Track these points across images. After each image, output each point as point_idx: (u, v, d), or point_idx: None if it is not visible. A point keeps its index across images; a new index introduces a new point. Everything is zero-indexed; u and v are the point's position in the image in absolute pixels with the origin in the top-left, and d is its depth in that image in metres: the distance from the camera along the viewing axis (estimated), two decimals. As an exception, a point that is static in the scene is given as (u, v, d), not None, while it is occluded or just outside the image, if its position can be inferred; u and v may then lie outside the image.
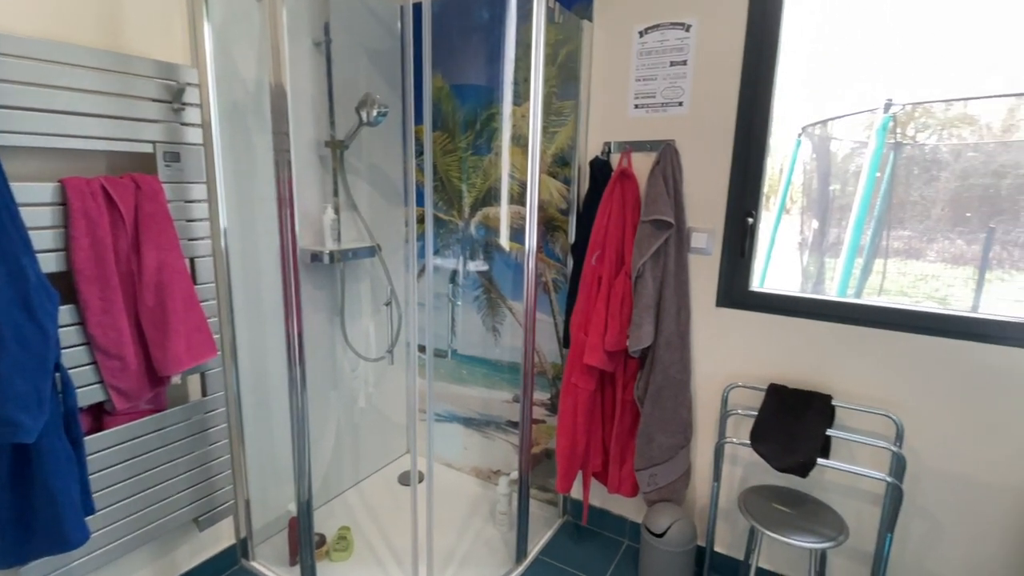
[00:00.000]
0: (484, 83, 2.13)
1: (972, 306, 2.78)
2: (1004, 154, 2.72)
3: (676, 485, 1.89)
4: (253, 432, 1.89)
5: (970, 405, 1.49)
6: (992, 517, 1.50)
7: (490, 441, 2.41)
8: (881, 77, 2.67)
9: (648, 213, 1.75)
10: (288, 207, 1.44)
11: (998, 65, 2.17)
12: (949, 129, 2.96)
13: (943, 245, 2.97)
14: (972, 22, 1.91)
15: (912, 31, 2.05)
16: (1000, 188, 2.72)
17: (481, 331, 2.33)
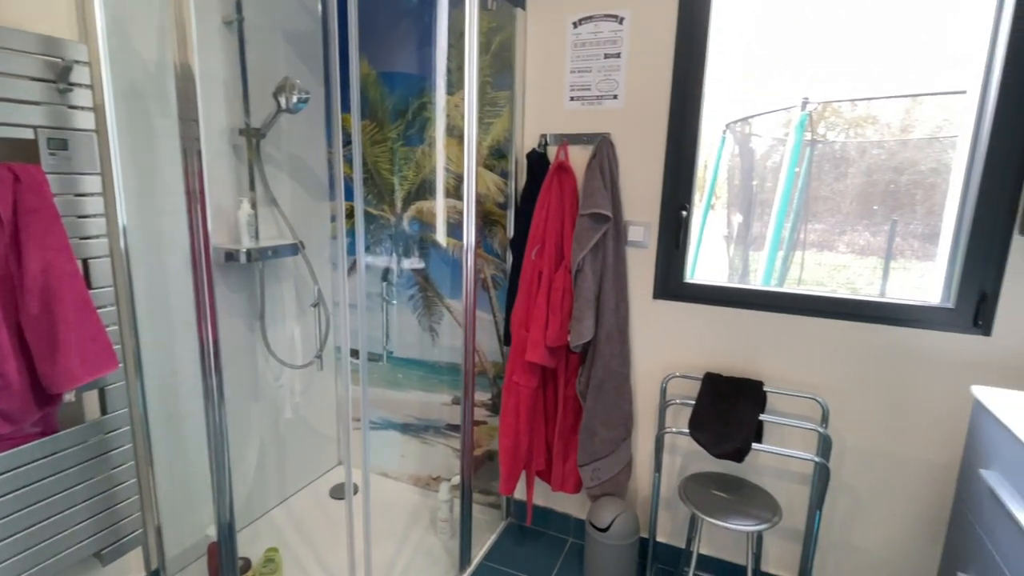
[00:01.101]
0: (414, 71, 2.10)
1: (879, 293, 3.08)
2: (903, 152, 3.04)
3: (619, 478, 1.95)
4: (163, 451, 1.76)
5: (883, 384, 1.64)
6: (907, 489, 1.67)
7: (429, 447, 2.38)
8: (799, 76, 2.88)
9: (586, 207, 1.80)
10: (199, 201, 1.35)
11: (896, 68, 2.40)
12: (855, 128, 3.25)
13: (852, 237, 3.28)
14: (874, 28, 2.10)
15: (825, 33, 2.23)
16: (900, 183, 3.04)
17: (417, 332, 2.29)
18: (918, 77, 2.47)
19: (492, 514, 2.29)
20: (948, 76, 1.80)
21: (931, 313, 1.58)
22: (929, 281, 1.70)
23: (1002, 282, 1.48)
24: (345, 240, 2.22)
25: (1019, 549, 1.13)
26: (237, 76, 1.86)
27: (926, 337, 1.58)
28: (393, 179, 2.21)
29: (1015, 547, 1.15)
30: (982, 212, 1.49)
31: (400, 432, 2.42)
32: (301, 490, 2.38)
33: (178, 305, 1.75)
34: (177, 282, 1.74)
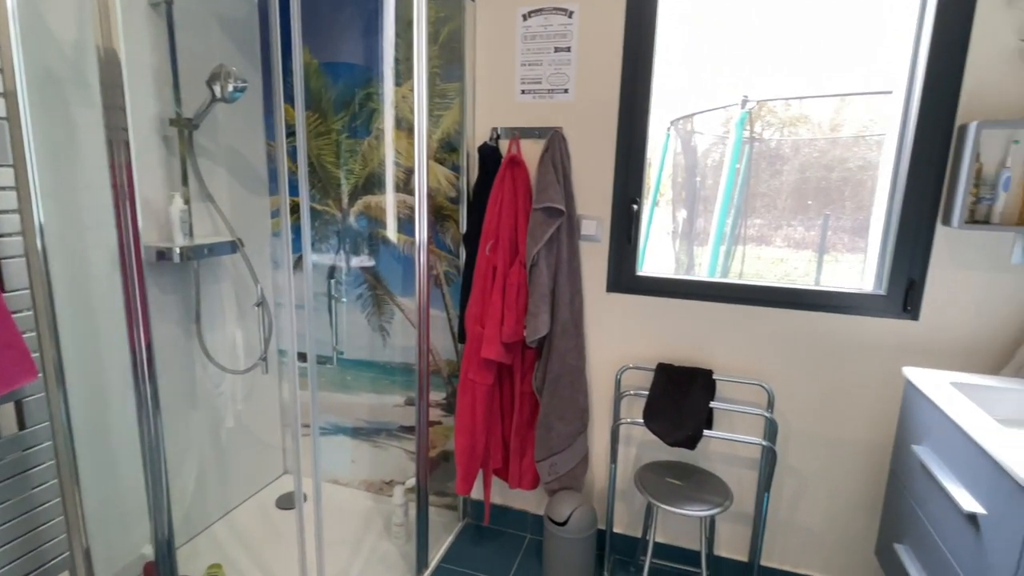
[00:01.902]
0: (358, 60, 2.05)
1: (816, 282, 3.28)
2: (833, 149, 3.25)
3: (576, 472, 1.98)
4: (90, 467, 1.64)
5: (823, 369, 1.75)
6: (847, 468, 1.78)
7: (381, 450, 2.34)
8: (739, 74, 3.02)
9: (540, 201, 1.81)
10: (127, 197, 1.27)
11: (828, 69, 2.56)
12: (789, 127, 3.45)
13: (788, 232, 3.48)
14: (808, 30, 2.23)
15: (763, 33, 2.34)
16: (831, 180, 3.25)
17: (367, 332, 2.25)
18: (848, 78, 2.64)
19: (448, 516, 2.28)
20: (876, 77, 1.93)
21: (865, 300, 1.69)
22: (862, 271, 1.82)
23: (928, 269, 1.61)
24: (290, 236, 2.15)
25: (949, 518, 1.24)
26: (166, 62, 1.76)
27: (861, 323, 1.69)
28: (338, 172, 2.16)
29: (946, 517, 1.25)
30: (909, 205, 1.60)
31: (350, 437, 2.36)
32: (245, 502, 2.29)
33: (104, 308, 1.64)
34: (103, 284, 1.63)
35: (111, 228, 1.59)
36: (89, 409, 1.63)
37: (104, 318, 1.64)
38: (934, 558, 1.29)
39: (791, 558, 1.89)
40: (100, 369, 1.65)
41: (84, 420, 1.61)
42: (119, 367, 1.69)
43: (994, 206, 1.49)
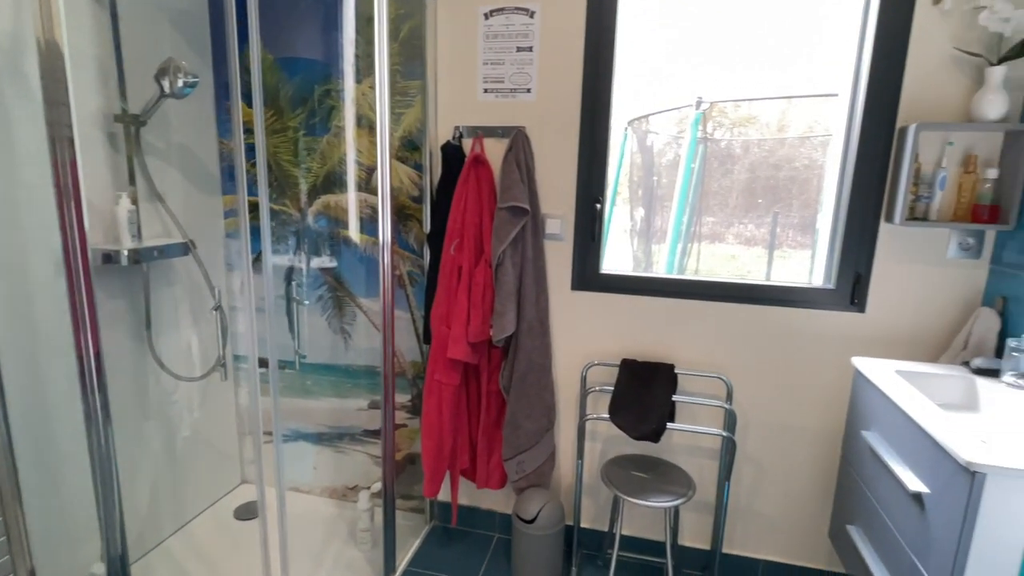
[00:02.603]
0: (315, 56, 2.01)
1: (767, 277, 3.44)
2: (780, 149, 3.40)
3: (543, 469, 2.00)
4: (33, 484, 1.55)
5: (778, 360, 1.83)
6: (801, 455, 1.87)
7: (344, 455, 2.30)
8: (693, 76, 3.12)
9: (504, 200, 1.82)
10: (72, 197, 1.22)
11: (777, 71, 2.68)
12: (739, 127, 3.59)
13: (739, 229, 3.62)
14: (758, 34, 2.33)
15: (716, 37, 2.43)
16: (779, 179, 3.41)
17: (328, 335, 2.20)
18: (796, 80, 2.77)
19: (415, 519, 2.26)
20: (822, 80, 2.02)
21: (816, 294, 1.78)
22: (811, 267, 1.92)
23: (873, 264, 1.71)
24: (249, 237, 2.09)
25: (896, 499, 1.32)
26: (110, 55, 1.68)
27: (812, 316, 1.78)
28: (296, 171, 2.11)
29: (893, 497, 1.34)
30: (855, 203, 1.70)
31: (312, 443, 2.32)
32: (201, 514, 2.21)
33: (44, 315, 1.55)
34: (41, 289, 1.54)
35: (52, 229, 1.51)
36: (29, 422, 1.54)
37: (45, 326, 1.55)
38: (883, 537, 1.37)
39: (751, 544, 1.97)
40: (41, 380, 1.56)
41: (25, 434, 1.52)
42: (62, 376, 1.60)
43: (931, 204, 1.60)
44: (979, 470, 1.02)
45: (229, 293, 2.22)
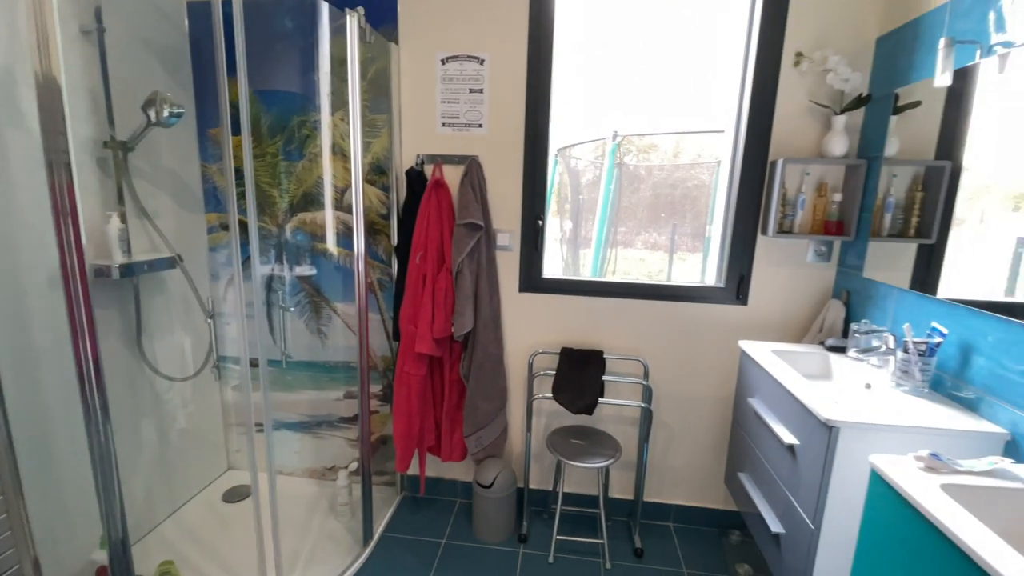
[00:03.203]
0: (290, 90, 1.95)
1: (668, 276, 3.68)
2: (676, 172, 3.63)
3: (498, 442, 2.05)
4: (34, 477, 1.43)
5: (684, 344, 1.96)
6: (703, 419, 2.02)
7: (322, 440, 2.25)
8: (610, 114, 3.26)
9: (462, 217, 1.85)
10: (70, 217, 1.15)
11: (678, 111, 2.85)
12: (644, 153, 3.79)
13: (646, 237, 3.84)
14: (662, 81, 2.47)
15: (627, 83, 2.56)
16: (675, 196, 3.65)
17: (307, 336, 2.15)
18: (691, 118, 2.95)
19: (388, 491, 2.25)
20: (713, 118, 2.17)
21: (710, 292, 1.92)
22: (703, 268, 2.06)
23: (753, 267, 1.87)
24: (239, 251, 2.00)
25: (775, 449, 1.46)
26: (99, 87, 1.56)
27: (708, 308, 1.93)
28: (274, 192, 2.04)
29: (772, 448, 1.48)
30: (739, 219, 1.85)
31: (294, 431, 2.25)
32: (191, 499, 2.09)
33: (39, 324, 1.43)
34: (36, 301, 1.42)
35: (47, 248, 1.40)
36: (28, 420, 1.42)
37: (40, 334, 1.43)
38: (765, 480, 1.51)
39: (665, 492, 2.10)
40: (39, 383, 1.44)
41: (25, 430, 1.40)
42: (59, 378, 1.48)
43: (795, 220, 1.77)
44: (834, 424, 1.16)
45: (213, 301, 2.11)
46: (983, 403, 1.19)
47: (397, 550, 1.91)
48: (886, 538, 0.94)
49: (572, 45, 1.93)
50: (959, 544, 0.77)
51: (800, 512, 1.29)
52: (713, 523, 2.08)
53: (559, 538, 1.97)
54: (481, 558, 1.88)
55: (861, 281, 1.68)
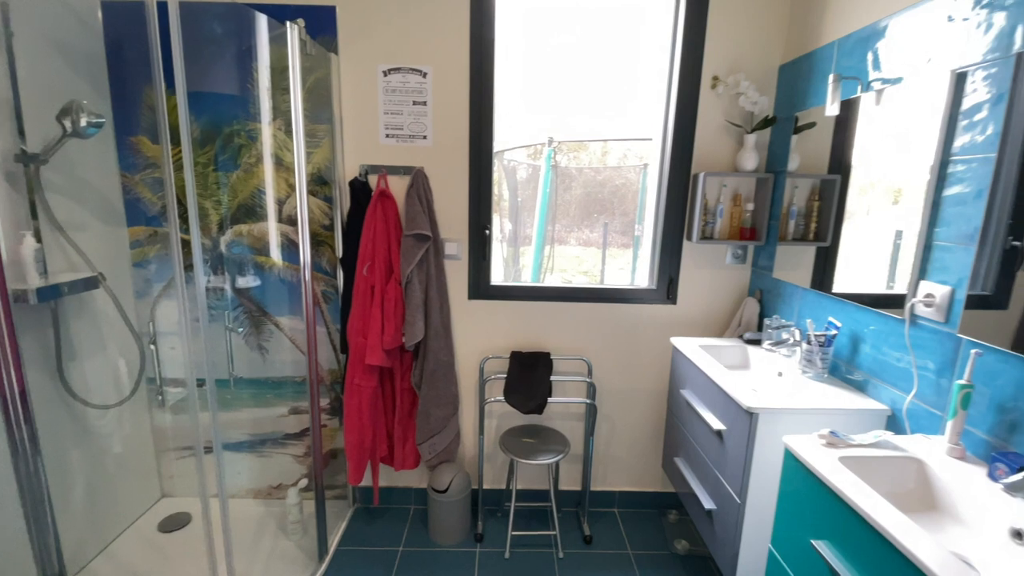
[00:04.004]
0: (222, 100, 1.88)
1: (601, 277, 3.93)
2: (603, 172, 3.87)
3: (451, 447, 2.11)
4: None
5: (623, 343, 2.12)
6: (641, 411, 2.19)
7: (267, 459, 2.19)
8: (545, 119, 3.42)
9: (410, 228, 1.89)
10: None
11: (610, 119, 3.04)
12: (574, 152, 3.99)
13: (579, 234, 4.07)
14: (596, 91, 2.63)
15: (561, 91, 2.70)
16: (604, 194, 3.90)
17: (246, 352, 2.08)
18: (621, 124, 3.16)
19: (340, 505, 2.23)
20: (641, 126, 2.34)
21: (644, 293, 2.10)
22: (633, 265, 2.23)
23: (680, 270, 2.06)
24: (182, 268, 1.90)
25: (705, 435, 1.64)
26: (7, 96, 1.43)
27: (643, 308, 2.10)
28: (206, 203, 1.96)
29: (703, 434, 1.66)
30: (667, 227, 2.03)
31: (236, 451, 2.17)
32: (123, 532, 1.96)
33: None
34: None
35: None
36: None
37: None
38: (698, 462, 1.70)
39: (609, 480, 2.26)
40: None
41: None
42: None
43: (715, 227, 1.98)
44: (754, 411, 1.34)
45: (139, 320, 1.99)
46: (869, 384, 1.42)
47: (354, 562, 1.91)
48: (798, 505, 1.12)
49: (509, 54, 2.01)
50: (852, 505, 0.94)
51: (728, 489, 1.47)
52: (653, 505, 2.27)
53: (514, 533, 2.07)
54: (439, 561, 1.94)
55: (772, 281, 1.91)
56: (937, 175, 1.20)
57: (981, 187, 1.09)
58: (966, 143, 1.14)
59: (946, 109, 1.18)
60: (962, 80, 1.15)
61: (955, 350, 1.15)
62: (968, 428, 1.10)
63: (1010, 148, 1.03)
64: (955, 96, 1.16)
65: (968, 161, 1.13)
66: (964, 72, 1.15)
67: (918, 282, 1.25)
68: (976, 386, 1.09)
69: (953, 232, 1.16)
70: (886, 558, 0.87)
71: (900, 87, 1.32)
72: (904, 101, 1.31)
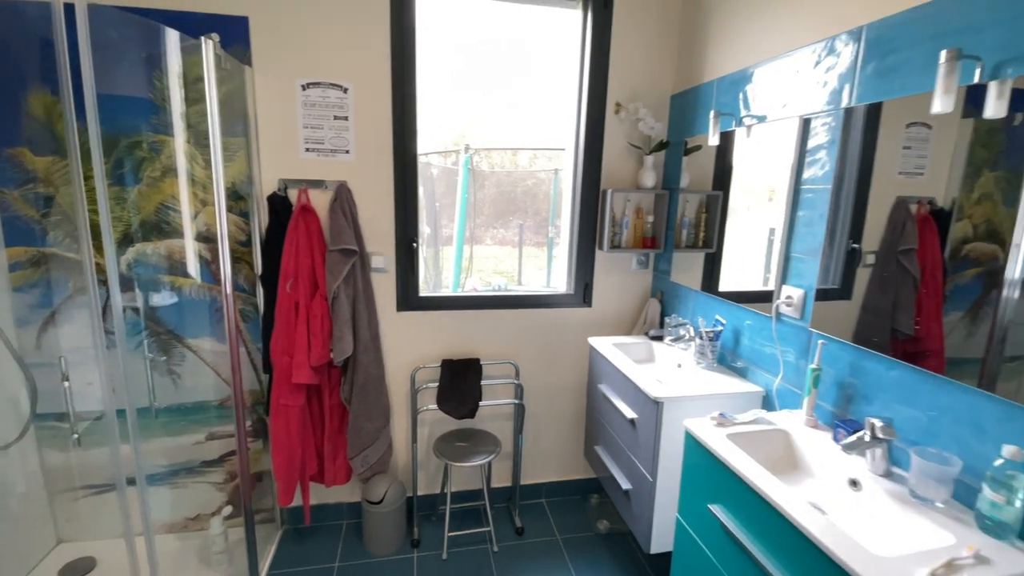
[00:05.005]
0: (120, 109, 1.76)
1: (519, 277, 4.15)
2: (514, 173, 4.09)
3: (384, 458, 2.14)
4: None
5: (545, 344, 2.30)
6: (564, 406, 2.39)
7: (183, 490, 2.08)
8: (462, 129, 3.54)
9: (335, 243, 1.90)
10: None
11: (526, 130, 3.23)
12: (484, 151, 4.18)
13: (494, 233, 4.26)
14: (513, 105, 2.79)
15: (477, 102, 2.83)
16: (517, 193, 4.12)
17: (155, 378, 1.95)
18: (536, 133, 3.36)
19: (267, 528, 2.18)
20: (553, 135, 2.53)
21: (564, 298, 2.29)
22: (548, 268, 2.42)
23: (594, 276, 2.28)
24: (97, 292, 1.75)
25: (620, 423, 1.86)
26: None
27: (563, 312, 2.29)
28: (99, 220, 1.81)
29: (618, 423, 1.88)
30: (582, 238, 2.24)
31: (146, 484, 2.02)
32: (11, 592, 1.77)
33: None
34: None
35: None
36: None
37: None
38: (615, 449, 1.92)
39: (537, 473, 2.44)
40: None
41: None
42: None
43: (622, 237, 2.22)
44: (660, 400, 1.57)
45: (23, 350, 1.79)
46: (749, 371, 1.72)
47: (288, 585, 1.90)
48: (697, 477, 1.35)
49: (427, 61, 2.06)
50: (737, 473, 1.18)
51: (642, 470, 1.69)
52: (577, 492, 2.48)
53: (450, 534, 2.17)
54: (377, 571, 1.98)
55: (670, 284, 2.20)
56: (792, 200, 1.50)
57: (822, 211, 1.40)
58: (811, 175, 1.44)
59: (797, 147, 1.47)
60: (807, 125, 1.45)
61: (808, 340, 1.45)
62: (819, 402, 1.41)
63: (847, 181, 1.33)
64: (803, 137, 1.46)
65: (814, 190, 1.43)
66: (809, 118, 1.45)
67: (781, 286, 1.54)
68: (823, 368, 1.39)
69: (804, 246, 1.46)
70: (762, 512, 1.10)
71: (765, 124, 1.62)
72: (768, 136, 1.61)
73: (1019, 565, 0.89)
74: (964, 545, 0.92)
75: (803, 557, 0.99)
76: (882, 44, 1.22)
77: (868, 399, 1.27)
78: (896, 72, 1.19)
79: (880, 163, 1.24)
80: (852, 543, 0.93)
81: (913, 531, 1.02)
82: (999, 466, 0.95)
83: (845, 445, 1.18)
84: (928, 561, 0.88)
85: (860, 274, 1.30)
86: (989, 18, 1.00)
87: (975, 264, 1.04)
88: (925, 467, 1.05)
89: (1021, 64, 0.95)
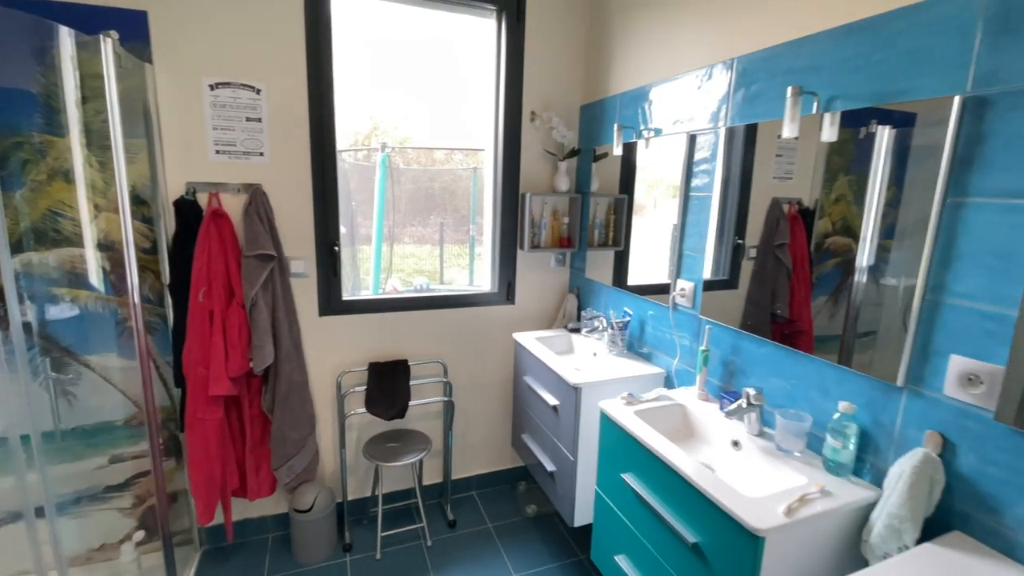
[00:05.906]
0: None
1: (440, 276, 4.25)
2: (431, 170, 4.18)
3: (311, 466, 2.14)
4: None
5: (472, 342, 2.41)
6: (491, 399, 2.51)
7: (82, 519, 1.93)
8: (377, 124, 3.56)
9: (251, 249, 1.87)
10: None
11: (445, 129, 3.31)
12: (401, 145, 4.23)
13: (412, 231, 4.33)
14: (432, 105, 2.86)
15: (395, 102, 2.86)
16: (435, 189, 4.23)
17: (46, 400, 1.80)
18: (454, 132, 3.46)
19: (184, 551, 2.08)
20: (473, 134, 2.62)
21: (488, 296, 2.42)
22: (470, 266, 2.54)
23: (516, 275, 2.43)
24: (15, 299, 1.56)
25: (544, 411, 2.02)
26: None
27: (488, 310, 2.42)
28: (-29, 229, 1.64)
29: (543, 411, 2.04)
30: (503, 239, 2.37)
31: (40, 518, 1.85)
32: None
33: None
34: None
35: None
36: None
37: None
38: (540, 435, 2.08)
39: (468, 467, 2.54)
40: None
41: None
42: None
43: (541, 238, 2.39)
44: (578, 386, 1.75)
45: None
46: (653, 355, 1.95)
47: (213, 605, 1.85)
48: (612, 451, 1.54)
49: (342, 56, 2.05)
50: (643, 444, 1.37)
51: (564, 451, 1.87)
52: (506, 481, 2.63)
53: (384, 534, 2.21)
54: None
55: (585, 280, 2.40)
56: (683, 205, 1.74)
57: (707, 215, 1.64)
58: (698, 184, 1.68)
59: (685, 160, 1.71)
60: (694, 140, 1.69)
61: (699, 326, 1.69)
62: (709, 379, 1.65)
63: (731, 185, 1.57)
64: (690, 151, 1.70)
65: (699, 197, 1.67)
66: (695, 135, 1.69)
67: (676, 280, 1.78)
68: (711, 350, 1.64)
69: (694, 245, 1.70)
70: (665, 475, 1.30)
71: (661, 138, 1.85)
72: (664, 147, 1.84)
73: (854, 495, 1.15)
74: (813, 483, 1.17)
75: (697, 508, 1.20)
76: (748, 75, 1.47)
77: (746, 373, 1.53)
78: (759, 99, 1.44)
79: (758, 169, 1.46)
80: (732, 491, 1.14)
81: (778, 477, 1.26)
82: (836, 419, 1.21)
83: (727, 412, 1.41)
84: (786, 498, 1.12)
85: (745, 266, 1.54)
86: (823, 61, 1.26)
87: (834, 255, 1.27)
88: (786, 425, 1.30)
89: (846, 100, 1.21)
